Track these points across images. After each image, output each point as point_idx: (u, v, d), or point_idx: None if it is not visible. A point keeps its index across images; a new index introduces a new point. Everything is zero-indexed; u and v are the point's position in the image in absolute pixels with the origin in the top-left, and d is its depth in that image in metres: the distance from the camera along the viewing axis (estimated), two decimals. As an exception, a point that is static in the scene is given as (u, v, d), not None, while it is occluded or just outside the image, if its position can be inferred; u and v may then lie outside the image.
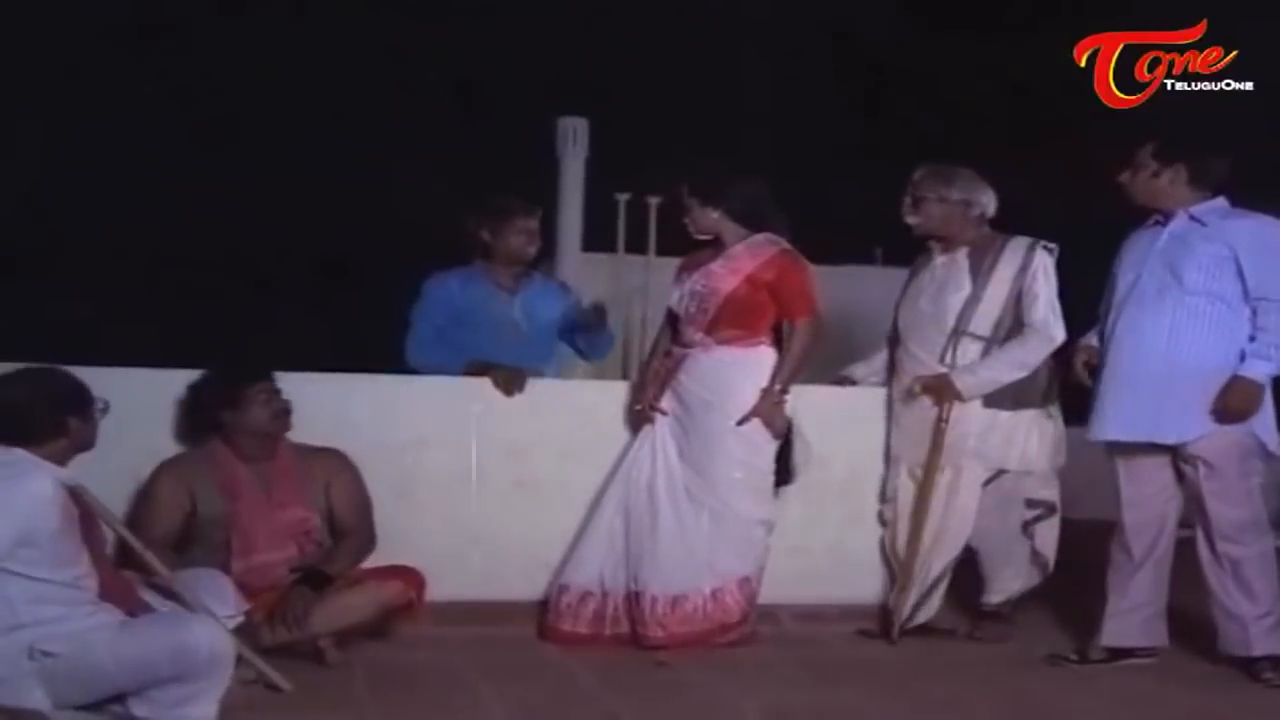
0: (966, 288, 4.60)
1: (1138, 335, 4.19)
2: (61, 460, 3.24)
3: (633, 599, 4.39)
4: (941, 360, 4.61)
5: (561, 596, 4.44)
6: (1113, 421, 4.24)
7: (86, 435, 3.31)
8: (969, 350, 4.57)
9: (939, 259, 4.71)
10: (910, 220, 4.72)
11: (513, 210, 4.92)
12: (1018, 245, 4.62)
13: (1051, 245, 4.63)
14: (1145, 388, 4.16)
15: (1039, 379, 4.59)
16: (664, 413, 4.48)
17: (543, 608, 4.50)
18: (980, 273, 4.60)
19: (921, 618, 4.66)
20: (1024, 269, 4.57)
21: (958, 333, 4.59)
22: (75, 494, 3.26)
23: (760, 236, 4.52)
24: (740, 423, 4.41)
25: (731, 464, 4.43)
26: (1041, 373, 4.59)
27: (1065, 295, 4.61)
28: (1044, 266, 4.58)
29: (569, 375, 5.48)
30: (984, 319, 4.57)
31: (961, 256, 4.66)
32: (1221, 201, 4.24)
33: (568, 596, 4.43)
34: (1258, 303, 4.09)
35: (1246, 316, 4.12)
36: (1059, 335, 4.56)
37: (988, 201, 4.69)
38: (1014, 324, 4.56)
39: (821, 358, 4.68)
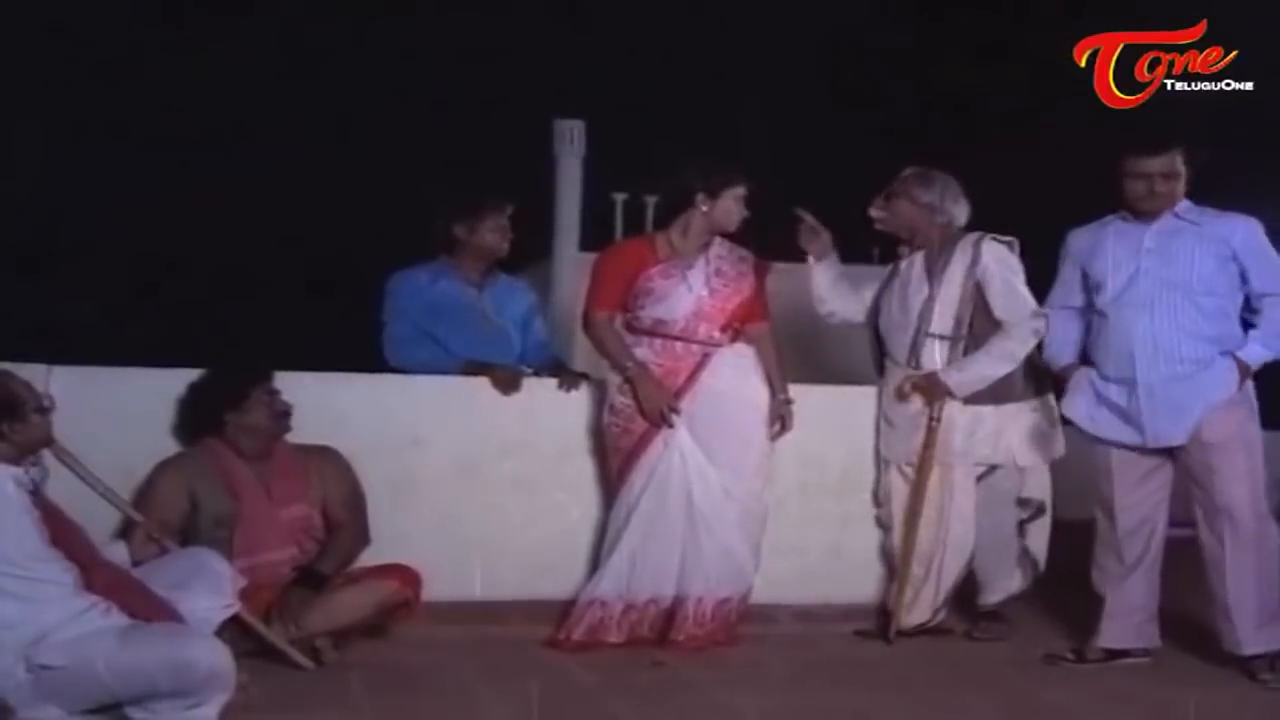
0: (925, 289, 4.62)
1: (1139, 335, 4.18)
2: (10, 460, 3.24)
3: (672, 605, 4.35)
4: (908, 362, 4.63)
5: (589, 610, 4.33)
6: (1114, 424, 4.24)
7: (27, 436, 3.29)
8: (934, 350, 4.59)
9: (904, 263, 4.75)
10: (874, 213, 4.75)
11: (488, 207, 4.94)
12: (965, 242, 4.63)
13: (1006, 238, 4.64)
14: (1148, 389, 4.15)
15: (1015, 372, 4.58)
16: (678, 412, 4.37)
17: (563, 619, 4.38)
18: (934, 273, 4.62)
19: (919, 619, 4.63)
20: (974, 263, 4.58)
21: (920, 334, 4.61)
22: (36, 492, 3.29)
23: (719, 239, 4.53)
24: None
25: (762, 456, 4.47)
26: (1019, 366, 4.58)
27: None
28: (994, 257, 4.58)
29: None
30: (943, 318, 4.59)
31: (919, 259, 4.69)
32: (1188, 200, 4.24)
33: (600, 611, 4.33)
34: (1263, 299, 4.14)
35: (1238, 313, 4.17)
36: (1040, 323, 4.54)
37: (958, 212, 4.68)
38: (975, 319, 4.57)
39: (819, 357, 4.67)
